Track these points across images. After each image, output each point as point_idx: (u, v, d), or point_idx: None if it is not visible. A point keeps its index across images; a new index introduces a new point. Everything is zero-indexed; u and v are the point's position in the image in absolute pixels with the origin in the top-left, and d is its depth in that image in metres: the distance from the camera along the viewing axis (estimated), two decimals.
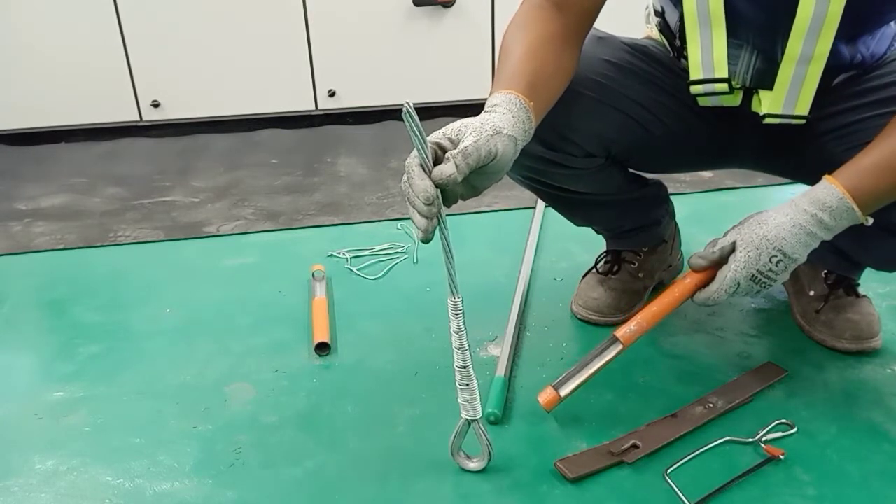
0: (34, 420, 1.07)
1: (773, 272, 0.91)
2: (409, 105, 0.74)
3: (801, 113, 0.97)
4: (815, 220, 0.89)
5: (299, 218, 1.81)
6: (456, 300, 0.84)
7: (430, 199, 0.77)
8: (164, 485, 0.93)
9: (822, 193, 0.89)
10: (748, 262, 0.91)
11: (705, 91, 1.02)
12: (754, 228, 0.92)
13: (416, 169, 0.78)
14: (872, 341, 1.14)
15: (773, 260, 0.90)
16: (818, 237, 0.90)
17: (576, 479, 0.89)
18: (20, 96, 2.46)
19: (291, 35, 2.47)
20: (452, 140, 0.81)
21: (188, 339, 1.27)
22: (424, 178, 0.77)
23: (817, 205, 0.89)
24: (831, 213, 0.88)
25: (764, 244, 0.90)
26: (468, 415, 0.89)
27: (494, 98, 0.86)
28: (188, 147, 2.47)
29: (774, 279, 0.92)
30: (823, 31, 0.90)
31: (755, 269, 0.91)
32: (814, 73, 0.94)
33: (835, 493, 0.87)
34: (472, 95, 2.57)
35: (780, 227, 0.90)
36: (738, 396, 1.02)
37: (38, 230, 1.80)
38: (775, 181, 1.79)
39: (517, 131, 0.84)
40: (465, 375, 0.87)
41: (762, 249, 0.90)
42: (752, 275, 0.91)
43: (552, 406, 0.98)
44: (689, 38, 0.99)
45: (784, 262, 0.90)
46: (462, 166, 0.78)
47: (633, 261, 1.28)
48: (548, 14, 0.95)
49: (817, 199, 0.89)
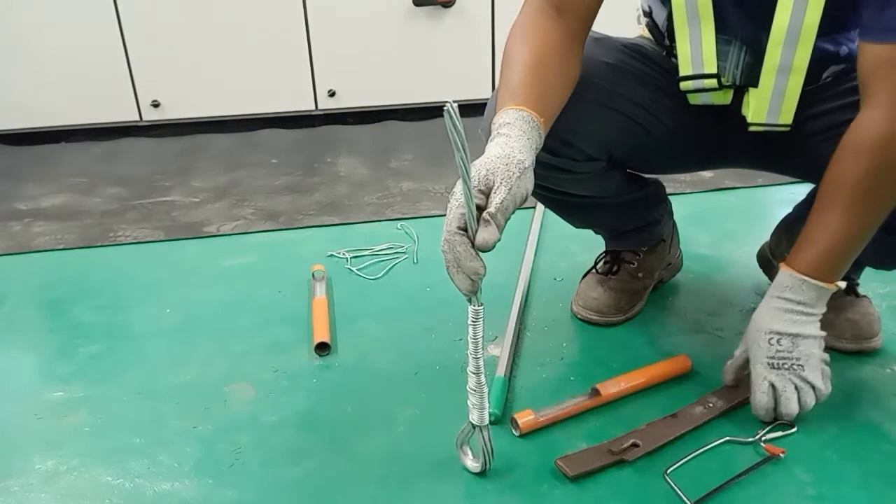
0: (34, 420, 1.07)
1: (787, 351, 0.95)
2: (452, 107, 0.69)
3: (784, 122, 0.99)
4: (785, 300, 0.95)
5: (299, 218, 1.81)
6: (477, 308, 0.83)
7: (478, 277, 0.77)
8: (164, 485, 0.93)
9: (782, 279, 0.96)
10: (755, 354, 0.97)
11: (695, 87, 1.02)
12: (747, 329, 1.00)
13: (459, 240, 0.76)
14: (872, 341, 1.14)
15: (771, 341, 0.95)
16: (801, 311, 0.95)
17: (576, 478, 0.89)
18: (20, 96, 2.46)
19: (291, 35, 2.47)
20: (483, 191, 0.78)
21: (188, 339, 1.27)
22: (474, 257, 0.76)
23: (779, 289, 0.96)
24: (796, 292, 0.94)
25: (755, 335, 0.97)
26: (475, 420, 0.88)
27: (506, 115, 0.84)
28: (188, 147, 2.47)
29: (797, 358, 0.95)
30: (801, 42, 0.91)
31: (765, 356, 0.96)
32: (795, 84, 0.95)
33: (835, 493, 0.87)
34: (472, 95, 2.56)
35: (759, 315, 0.97)
36: (737, 396, 1.02)
37: (38, 230, 1.80)
38: (775, 181, 1.80)
39: (533, 156, 0.83)
40: (476, 382, 0.86)
41: (757, 338, 0.96)
42: (769, 363, 0.95)
43: (528, 430, 0.98)
44: (677, 34, 1.00)
45: (784, 339, 0.95)
46: (503, 224, 0.78)
47: (632, 261, 1.28)
48: (549, 19, 0.95)
49: (780, 285, 0.96)
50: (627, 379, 1.05)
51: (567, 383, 1.10)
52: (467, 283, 0.78)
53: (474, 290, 0.79)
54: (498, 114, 0.86)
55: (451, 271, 0.79)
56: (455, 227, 0.77)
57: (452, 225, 0.77)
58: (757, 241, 1.38)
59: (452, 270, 0.78)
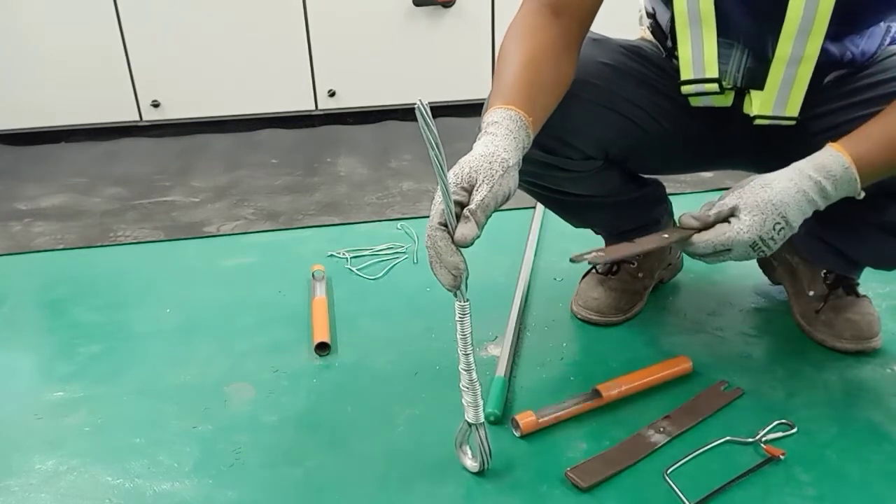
0: (34, 420, 1.07)
1: (773, 240, 0.87)
2: (423, 104, 0.70)
3: (791, 114, 0.98)
4: (818, 187, 0.86)
5: (299, 218, 1.81)
6: (464, 304, 0.83)
7: (459, 272, 0.78)
8: (164, 485, 0.93)
9: (828, 161, 0.86)
10: (752, 226, 0.86)
11: (696, 91, 1.02)
12: (758, 192, 0.87)
13: (440, 235, 0.77)
14: (872, 341, 1.14)
15: (776, 227, 0.86)
16: (816, 205, 0.87)
17: (589, 488, 0.88)
18: (20, 96, 2.46)
19: (291, 35, 2.47)
20: (466, 188, 0.80)
21: (188, 339, 1.27)
22: (454, 252, 0.77)
23: (822, 172, 0.85)
24: (834, 183, 0.85)
25: (769, 209, 0.86)
26: (470, 419, 0.88)
27: (494, 114, 0.85)
28: (188, 147, 2.47)
29: (772, 247, 0.87)
30: (813, 32, 0.91)
31: (758, 234, 0.86)
32: (804, 74, 0.95)
33: (835, 493, 0.87)
34: (471, 95, 2.57)
35: (784, 192, 0.86)
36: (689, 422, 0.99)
37: (38, 230, 1.80)
38: None
39: (519, 155, 0.84)
40: (468, 379, 0.87)
41: (767, 215, 0.86)
42: (754, 241, 0.86)
43: (529, 431, 0.98)
44: (679, 37, 1.00)
45: (785, 230, 0.87)
46: (482, 221, 0.78)
47: (632, 261, 1.28)
48: (546, 20, 0.95)
49: (822, 167, 0.86)
50: (628, 380, 1.05)
51: (567, 383, 1.10)
52: (449, 277, 0.79)
53: (456, 284, 0.80)
54: (487, 112, 0.86)
55: (433, 266, 0.80)
56: (436, 223, 0.78)
57: (434, 220, 0.79)
58: None
59: (435, 265, 0.80)
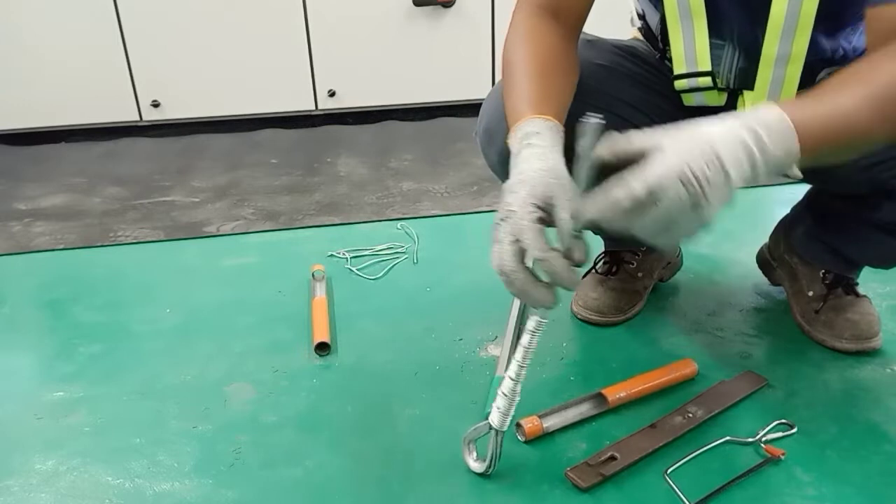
0: (34, 420, 1.07)
1: (706, 179, 0.71)
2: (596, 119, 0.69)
3: None
4: (751, 132, 0.72)
5: (299, 218, 1.81)
6: (542, 321, 0.84)
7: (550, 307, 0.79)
8: (164, 485, 0.93)
9: (762, 111, 0.75)
10: (679, 153, 0.71)
11: (689, 86, 1.02)
12: (683, 129, 0.74)
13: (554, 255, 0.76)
14: (872, 341, 1.13)
15: (707, 162, 0.71)
16: (753, 158, 0.73)
17: (589, 488, 0.88)
18: (20, 96, 2.46)
19: (291, 35, 2.47)
20: (541, 206, 0.77)
21: (188, 339, 1.27)
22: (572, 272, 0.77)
23: (755, 119, 0.73)
24: (768, 131, 0.73)
25: (697, 140, 0.72)
26: (495, 423, 0.88)
27: (532, 124, 0.83)
28: (188, 147, 2.47)
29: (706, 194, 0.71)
30: (798, 31, 0.91)
31: (686, 163, 0.70)
32: (793, 74, 0.95)
33: (835, 493, 0.87)
34: (472, 95, 2.57)
35: (712, 131, 0.73)
36: (717, 406, 1.00)
37: (38, 230, 1.80)
38: (774, 181, 1.79)
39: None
40: (512, 388, 0.87)
41: (695, 144, 0.71)
42: (682, 172, 0.70)
43: (532, 437, 0.97)
44: (671, 32, 1.00)
45: (719, 172, 0.71)
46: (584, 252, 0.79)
47: (631, 261, 1.28)
48: (547, 23, 0.95)
49: (756, 116, 0.74)
50: (634, 384, 1.04)
51: (567, 383, 1.10)
52: (550, 297, 0.79)
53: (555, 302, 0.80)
54: (522, 122, 0.83)
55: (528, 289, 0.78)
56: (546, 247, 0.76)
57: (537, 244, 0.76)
58: (757, 242, 1.38)
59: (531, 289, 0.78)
